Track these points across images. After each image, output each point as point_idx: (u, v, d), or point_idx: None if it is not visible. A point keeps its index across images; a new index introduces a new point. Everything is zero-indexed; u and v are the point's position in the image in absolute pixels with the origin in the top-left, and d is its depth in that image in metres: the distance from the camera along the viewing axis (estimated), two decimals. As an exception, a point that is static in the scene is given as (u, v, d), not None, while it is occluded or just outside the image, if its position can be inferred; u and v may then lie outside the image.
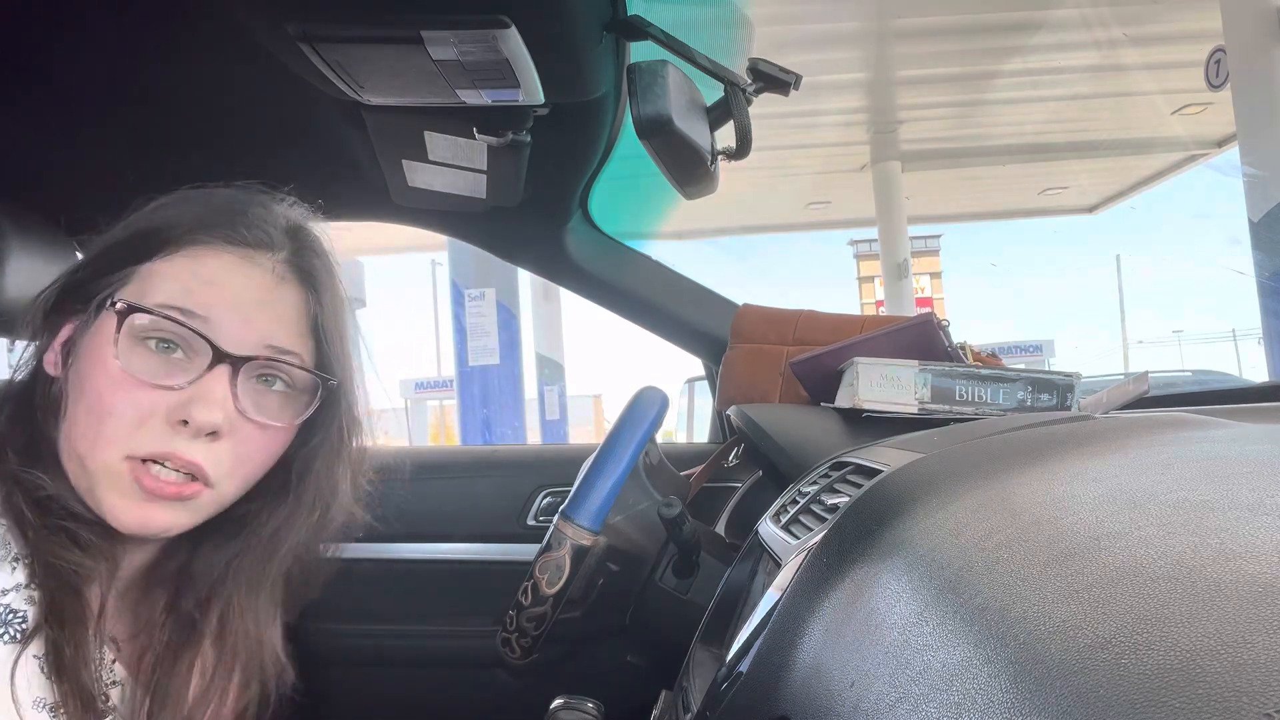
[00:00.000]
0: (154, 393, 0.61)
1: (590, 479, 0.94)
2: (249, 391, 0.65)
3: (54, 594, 0.59)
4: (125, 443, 0.61)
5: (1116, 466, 0.44)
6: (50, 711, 0.58)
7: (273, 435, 0.67)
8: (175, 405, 0.61)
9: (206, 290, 0.64)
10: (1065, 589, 0.29)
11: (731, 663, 0.55)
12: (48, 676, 0.58)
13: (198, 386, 0.62)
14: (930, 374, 0.96)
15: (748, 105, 0.93)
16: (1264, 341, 5.14)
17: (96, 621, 0.62)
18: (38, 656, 0.58)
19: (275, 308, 0.68)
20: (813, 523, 0.61)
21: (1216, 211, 13.96)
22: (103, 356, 0.62)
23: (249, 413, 0.64)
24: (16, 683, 0.56)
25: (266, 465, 0.69)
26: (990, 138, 9.12)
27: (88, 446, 0.62)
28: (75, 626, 0.59)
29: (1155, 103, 7.84)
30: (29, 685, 0.57)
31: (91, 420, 0.61)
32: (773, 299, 1.53)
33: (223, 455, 0.63)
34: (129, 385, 0.61)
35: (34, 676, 0.57)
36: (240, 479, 0.66)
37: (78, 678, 0.59)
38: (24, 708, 0.56)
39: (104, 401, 0.61)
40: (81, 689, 0.59)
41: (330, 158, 1.21)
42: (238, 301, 0.65)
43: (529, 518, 1.51)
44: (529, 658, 0.95)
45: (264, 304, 0.67)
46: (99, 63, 0.98)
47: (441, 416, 16.18)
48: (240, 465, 0.65)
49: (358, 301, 10.12)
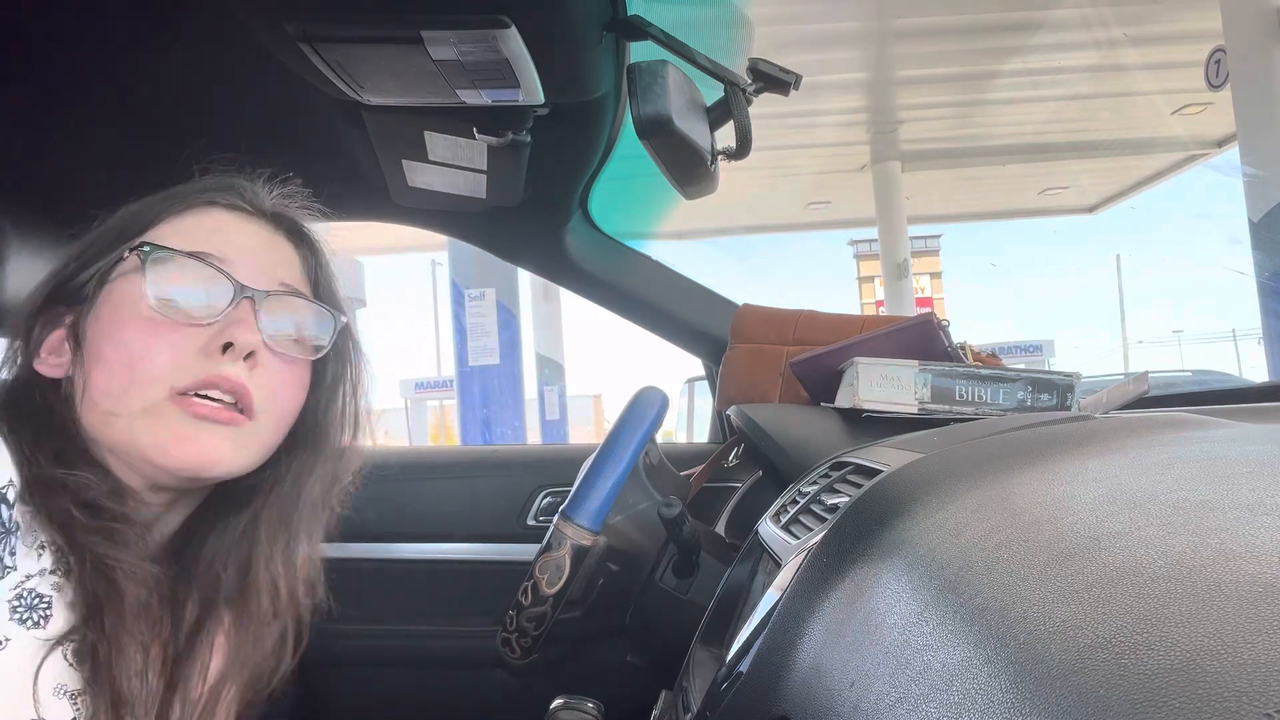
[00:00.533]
0: (186, 329, 0.64)
1: (590, 479, 0.94)
2: (271, 329, 0.68)
3: (96, 591, 0.59)
4: (167, 379, 0.62)
5: (1116, 466, 0.44)
6: (70, 699, 0.58)
7: (297, 374, 0.71)
8: (211, 336, 0.64)
9: (216, 238, 0.68)
10: (1065, 589, 0.29)
11: (731, 663, 0.55)
12: (71, 665, 0.58)
13: (230, 316, 0.65)
14: (930, 374, 0.96)
15: (748, 105, 0.93)
16: (1264, 341, 5.15)
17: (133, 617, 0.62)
18: (61, 644, 0.58)
19: (278, 252, 0.72)
20: (813, 523, 0.61)
21: (1216, 211, 13.96)
22: (128, 309, 0.64)
23: (275, 346, 0.68)
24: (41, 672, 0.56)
25: (294, 409, 0.71)
26: (990, 138, 9.12)
27: (118, 398, 0.62)
28: (114, 622, 0.60)
29: (1155, 103, 7.84)
30: (51, 672, 0.57)
31: (122, 371, 0.62)
32: (773, 299, 1.53)
33: (261, 382, 0.66)
34: (161, 327, 0.63)
35: (56, 662, 0.57)
36: (275, 416, 0.68)
37: (113, 677, 0.59)
38: (43, 693, 0.56)
39: (133, 349, 0.62)
40: (115, 689, 0.59)
41: (330, 158, 1.21)
42: (246, 245, 0.69)
43: (529, 518, 1.51)
44: (529, 658, 0.95)
45: (267, 249, 0.71)
46: (99, 63, 0.98)
47: (441, 416, 16.19)
48: (274, 399, 0.68)
49: (358, 301, 10.12)
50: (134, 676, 0.63)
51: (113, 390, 0.62)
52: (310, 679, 1.47)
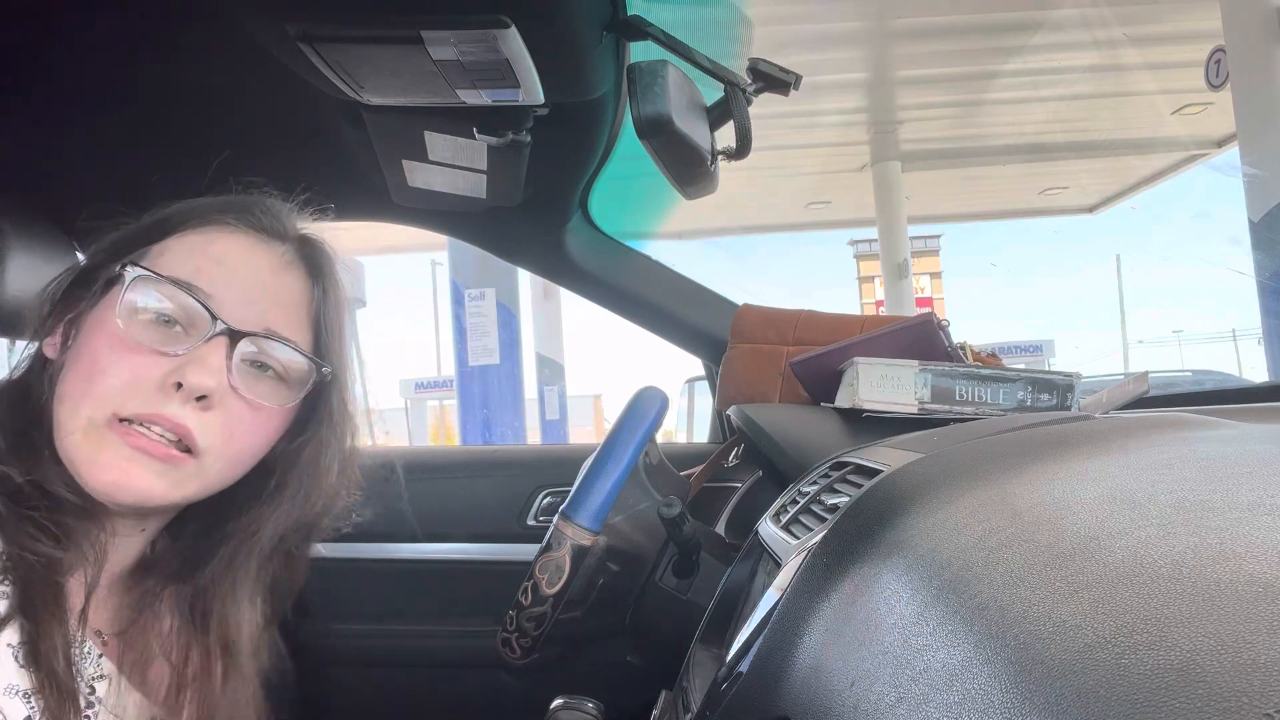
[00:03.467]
0: (150, 357, 0.63)
1: (590, 479, 0.94)
2: (243, 372, 0.66)
3: (25, 586, 0.59)
4: (114, 401, 0.62)
5: (1116, 466, 0.44)
6: (23, 698, 0.58)
7: (263, 419, 0.68)
8: (170, 370, 0.63)
9: (214, 268, 0.66)
10: (1065, 589, 0.29)
11: (731, 663, 0.55)
12: (21, 665, 0.58)
13: (194, 353, 0.63)
14: (930, 374, 0.96)
15: (748, 105, 0.93)
16: (1264, 341, 5.14)
17: (79, 614, 0.62)
18: (11, 645, 0.58)
19: (279, 293, 0.70)
20: (813, 523, 0.61)
21: (1216, 211, 13.94)
22: (104, 320, 0.64)
23: (241, 389, 0.66)
24: None
25: (254, 451, 0.69)
26: (990, 138, 9.12)
27: (72, 406, 0.62)
28: (49, 619, 0.59)
29: (1155, 103, 7.84)
30: (3, 673, 0.57)
31: (82, 380, 0.62)
32: (773, 299, 1.53)
33: (211, 425, 0.64)
34: (126, 348, 0.63)
35: (6, 663, 0.57)
36: (227, 459, 0.66)
37: (53, 668, 0.59)
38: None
39: (99, 362, 0.62)
40: (58, 680, 0.59)
41: (330, 158, 1.21)
42: (243, 282, 0.67)
43: (529, 518, 1.51)
44: (529, 658, 0.95)
45: (268, 288, 0.69)
46: (99, 63, 0.98)
47: (441, 416, 16.17)
48: (228, 442, 0.66)
49: (358, 301, 10.11)
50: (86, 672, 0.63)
51: (72, 395, 0.62)
52: (310, 679, 1.47)
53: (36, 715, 0.58)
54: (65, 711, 0.59)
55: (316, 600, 1.54)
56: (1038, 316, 47.95)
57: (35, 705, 0.58)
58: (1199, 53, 5.44)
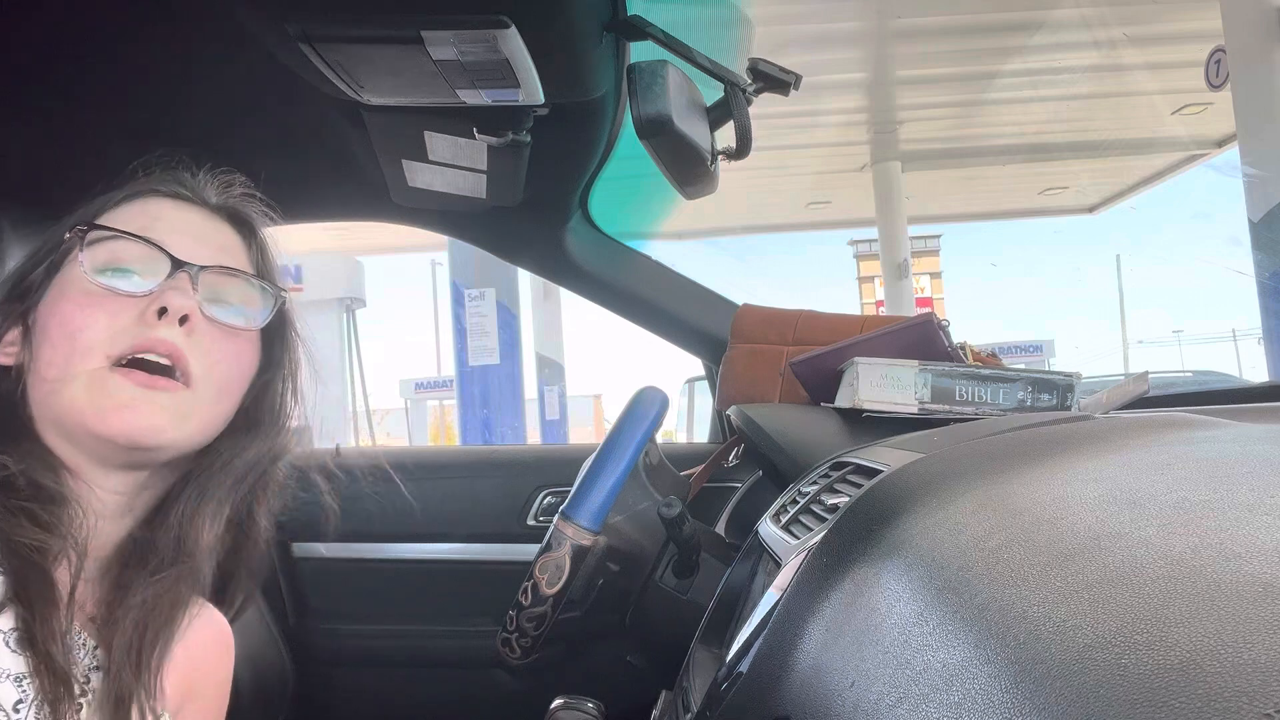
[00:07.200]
0: (121, 301, 0.66)
1: (590, 479, 0.94)
2: (210, 303, 0.70)
3: (18, 572, 0.60)
4: (103, 347, 0.64)
5: (1116, 466, 0.44)
6: (14, 682, 0.58)
7: (238, 347, 0.72)
8: (147, 304, 0.66)
9: (156, 224, 0.70)
10: (1065, 589, 0.29)
11: (731, 663, 0.55)
12: (14, 650, 0.58)
13: (162, 287, 0.67)
14: (930, 374, 0.96)
15: (748, 105, 0.93)
16: (1264, 341, 5.14)
17: (67, 602, 0.63)
18: (3, 631, 0.58)
19: (218, 239, 0.74)
20: (813, 523, 0.61)
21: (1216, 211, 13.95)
22: (64, 290, 0.66)
23: (214, 316, 0.69)
24: None
25: (237, 381, 0.72)
26: (990, 138, 9.11)
27: (62, 367, 0.64)
28: (43, 605, 0.60)
29: (1155, 103, 7.83)
30: None
31: (64, 343, 0.64)
32: (773, 299, 1.53)
33: (197, 348, 0.67)
34: (100, 300, 0.65)
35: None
36: (215, 386, 0.69)
37: (49, 653, 0.59)
38: None
39: (74, 322, 0.65)
40: (54, 664, 0.59)
41: (330, 158, 1.21)
42: (186, 229, 0.72)
43: (529, 518, 1.51)
44: (529, 658, 0.95)
45: (207, 235, 0.73)
46: (99, 63, 0.98)
47: (441, 416, 16.16)
48: (213, 368, 0.69)
49: (358, 301, 10.09)
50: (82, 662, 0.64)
51: (56, 360, 0.64)
52: (310, 679, 1.47)
53: (29, 699, 0.58)
54: (60, 696, 0.59)
55: (316, 600, 1.54)
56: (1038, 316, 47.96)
57: (27, 689, 0.58)
58: (1199, 53, 5.44)
